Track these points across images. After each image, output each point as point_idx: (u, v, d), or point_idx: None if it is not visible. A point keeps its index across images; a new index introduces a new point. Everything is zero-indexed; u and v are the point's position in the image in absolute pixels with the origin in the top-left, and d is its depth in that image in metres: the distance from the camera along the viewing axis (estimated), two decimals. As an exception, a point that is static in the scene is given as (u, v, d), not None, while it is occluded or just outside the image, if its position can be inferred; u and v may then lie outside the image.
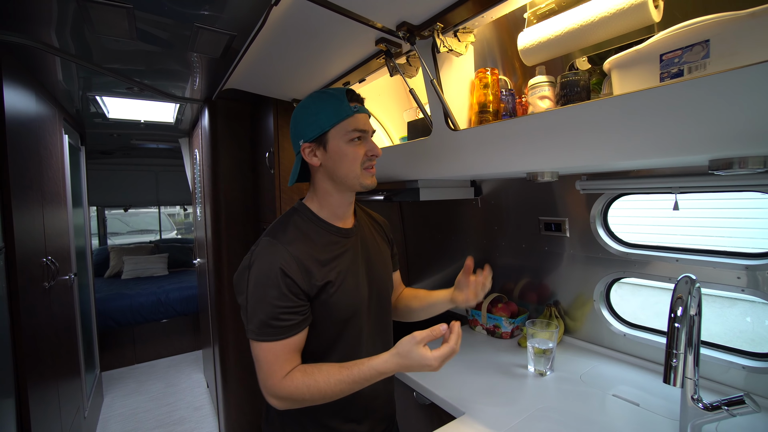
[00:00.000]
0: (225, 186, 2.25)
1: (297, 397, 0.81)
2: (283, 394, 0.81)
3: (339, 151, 0.89)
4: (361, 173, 0.91)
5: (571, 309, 1.54)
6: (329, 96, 0.90)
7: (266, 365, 0.83)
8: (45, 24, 1.35)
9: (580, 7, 0.93)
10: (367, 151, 0.92)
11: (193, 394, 3.18)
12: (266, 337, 0.82)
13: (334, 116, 0.88)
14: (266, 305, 0.82)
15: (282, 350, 0.83)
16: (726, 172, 0.77)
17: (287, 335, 0.83)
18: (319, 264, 0.88)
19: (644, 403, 1.08)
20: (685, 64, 0.70)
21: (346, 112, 0.88)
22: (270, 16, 1.00)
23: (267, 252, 0.86)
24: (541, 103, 1.06)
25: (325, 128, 0.89)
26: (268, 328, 0.82)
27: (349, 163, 0.90)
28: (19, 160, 1.52)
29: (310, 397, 0.81)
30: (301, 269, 0.85)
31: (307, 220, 0.94)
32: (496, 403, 1.12)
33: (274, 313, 0.82)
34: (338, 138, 0.89)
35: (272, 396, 0.83)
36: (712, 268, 1.13)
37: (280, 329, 0.82)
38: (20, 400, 1.45)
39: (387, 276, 1.07)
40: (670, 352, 0.75)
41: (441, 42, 1.05)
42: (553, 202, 1.55)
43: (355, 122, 0.89)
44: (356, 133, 0.89)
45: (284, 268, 0.83)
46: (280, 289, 0.82)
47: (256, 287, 0.84)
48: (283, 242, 0.87)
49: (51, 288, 1.83)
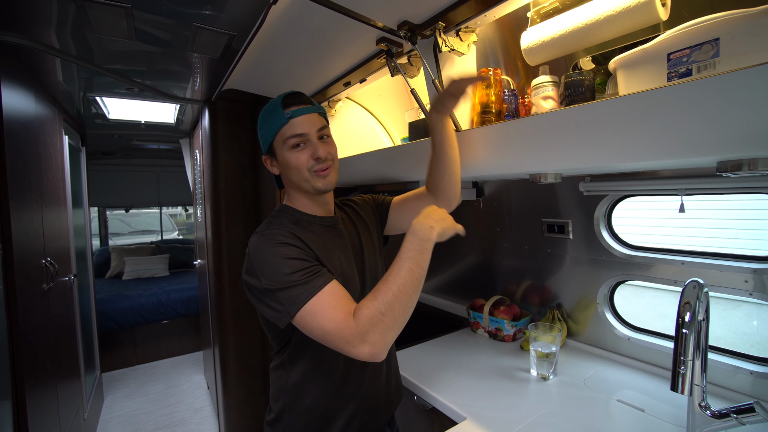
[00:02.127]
0: (225, 187, 2.23)
1: (378, 316, 0.72)
2: (364, 327, 0.72)
3: (284, 160, 0.91)
4: (311, 177, 0.90)
5: (574, 312, 1.52)
6: (269, 107, 0.91)
7: (329, 315, 0.74)
8: (45, 25, 1.34)
9: (585, 5, 0.91)
10: (311, 155, 0.89)
11: (193, 396, 3.17)
12: (314, 290, 0.76)
13: (272, 127, 0.90)
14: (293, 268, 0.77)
15: (337, 288, 0.78)
16: (735, 174, 0.75)
17: (326, 280, 0.78)
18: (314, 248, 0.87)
19: (650, 409, 1.06)
20: (694, 63, 0.68)
21: (280, 120, 0.88)
22: (269, 15, 0.99)
23: (263, 239, 0.83)
24: (544, 103, 1.04)
25: (268, 140, 0.92)
26: (310, 279, 0.77)
27: (295, 171, 0.90)
28: (17, 161, 1.51)
29: (390, 302, 0.73)
30: (301, 244, 0.84)
31: (290, 216, 0.95)
32: (499, 408, 1.10)
33: (304, 268, 0.78)
34: (280, 147, 0.91)
35: (356, 338, 0.72)
36: (719, 271, 1.11)
37: (321, 273, 0.78)
38: (17, 402, 1.43)
39: (377, 260, 1.07)
40: (677, 359, 0.73)
41: (443, 41, 1.03)
42: (556, 204, 1.53)
43: (291, 129, 0.88)
44: (293, 139, 0.88)
45: (287, 237, 0.83)
46: (296, 248, 0.81)
47: (273, 266, 0.79)
48: (277, 226, 0.87)
49: (50, 289, 1.82)
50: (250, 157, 2.30)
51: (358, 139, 1.96)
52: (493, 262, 1.86)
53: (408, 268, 0.76)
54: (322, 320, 0.74)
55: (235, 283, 2.25)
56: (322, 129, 0.92)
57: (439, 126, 1.04)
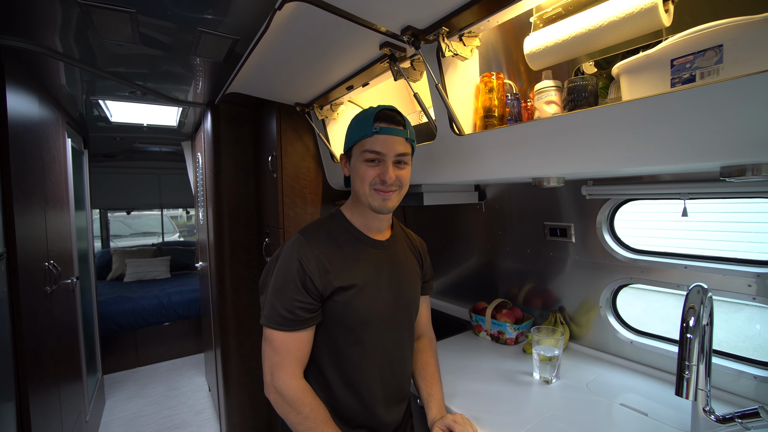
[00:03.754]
0: (227, 189, 2.24)
1: (293, 408, 0.86)
2: (288, 394, 0.86)
3: (354, 167, 0.95)
4: (370, 193, 0.92)
5: (577, 315, 1.53)
6: (363, 114, 0.94)
7: (272, 354, 0.88)
8: (49, 29, 1.35)
9: (589, 11, 0.92)
10: (380, 174, 0.91)
11: (194, 398, 3.17)
12: (274, 325, 0.87)
13: (357, 134, 0.93)
14: (283, 296, 0.88)
15: (294, 343, 0.88)
16: (738, 179, 0.75)
17: (294, 328, 0.88)
18: (340, 267, 0.92)
19: (653, 413, 1.06)
20: (697, 69, 0.69)
21: (365, 131, 0.90)
22: (273, 20, 0.99)
23: (293, 246, 0.92)
24: (547, 108, 1.05)
25: (349, 144, 0.96)
26: (279, 317, 0.87)
27: (359, 182, 0.93)
28: (21, 164, 1.52)
29: (294, 418, 0.86)
30: (319, 268, 0.89)
31: (339, 225, 0.99)
32: (502, 412, 1.10)
33: (287, 305, 0.87)
34: (356, 155, 0.94)
35: (274, 390, 0.87)
36: (722, 275, 1.11)
37: (289, 321, 0.87)
38: (21, 404, 1.44)
39: (414, 296, 1.08)
40: (682, 364, 0.74)
41: (446, 46, 1.03)
42: (559, 207, 1.53)
43: (372, 143, 0.90)
44: (369, 153, 0.90)
45: (303, 263, 0.88)
46: (297, 283, 0.87)
47: (278, 277, 0.90)
48: (310, 240, 0.93)
49: (53, 292, 1.83)
50: (253, 159, 2.31)
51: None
52: (495, 265, 1.86)
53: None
54: (271, 349, 0.89)
55: (237, 286, 2.25)
56: (402, 155, 0.92)
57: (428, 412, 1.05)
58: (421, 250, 1.16)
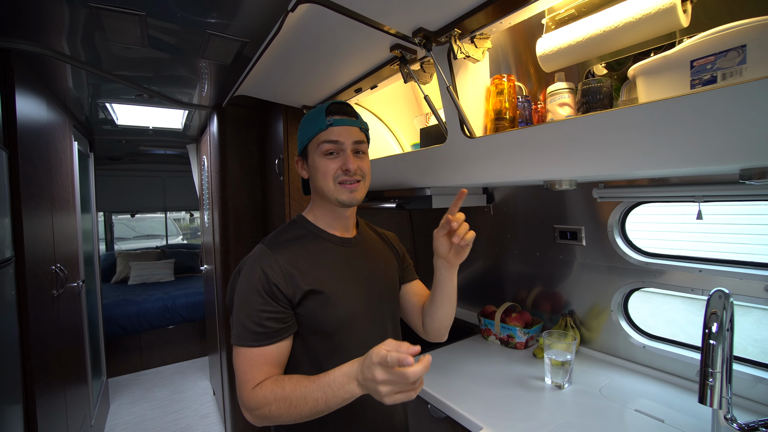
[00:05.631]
0: (233, 192, 2.24)
1: (265, 407, 0.76)
2: (252, 404, 0.77)
3: (314, 165, 0.91)
4: (336, 188, 0.89)
5: (587, 319, 1.51)
6: (314, 111, 0.92)
7: (240, 374, 0.80)
8: (57, 32, 1.35)
9: (603, 12, 0.91)
10: (341, 165, 0.88)
11: (199, 402, 3.15)
12: (244, 342, 0.80)
13: (310, 130, 0.90)
14: (248, 309, 0.81)
15: (258, 358, 0.80)
16: (759, 181, 0.74)
17: (265, 342, 0.80)
18: (307, 268, 0.86)
19: (669, 420, 1.04)
20: (719, 70, 0.68)
21: (320, 125, 0.88)
22: (285, 22, 0.99)
23: (255, 257, 0.87)
24: (561, 110, 1.03)
25: (304, 142, 0.92)
26: (248, 332, 0.80)
27: (322, 177, 0.89)
28: (29, 168, 1.52)
29: (277, 408, 0.75)
30: (284, 273, 0.84)
31: (302, 229, 0.95)
32: (515, 418, 1.09)
33: (254, 318, 0.81)
34: (313, 152, 0.90)
35: (244, 407, 0.80)
36: (738, 279, 1.09)
37: (259, 335, 0.80)
38: (28, 408, 1.43)
39: (392, 292, 1.02)
40: (705, 371, 0.72)
41: (458, 48, 1.03)
42: (568, 210, 1.52)
43: (327, 135, 0.88)
44: (327, 145, 0.88)
45: (266, 271, 0.83)
46: (261, 293, 0.81)
47: (241, 290, 0.84)
48: (272, 248, 0.88)
49: (59, 295, 1.82)
50: (259, 162, 2.31)
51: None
52: (504, 268, 1.84)
53: (315, 400, 0.73)
54: (236, 369, 0.82)
55: (243, 289, 2.24)
56: (359, 143, 0.91)
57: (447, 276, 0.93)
58: (394, 242, 1.13)
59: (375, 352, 0.66)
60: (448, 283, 0.94)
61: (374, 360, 0.65)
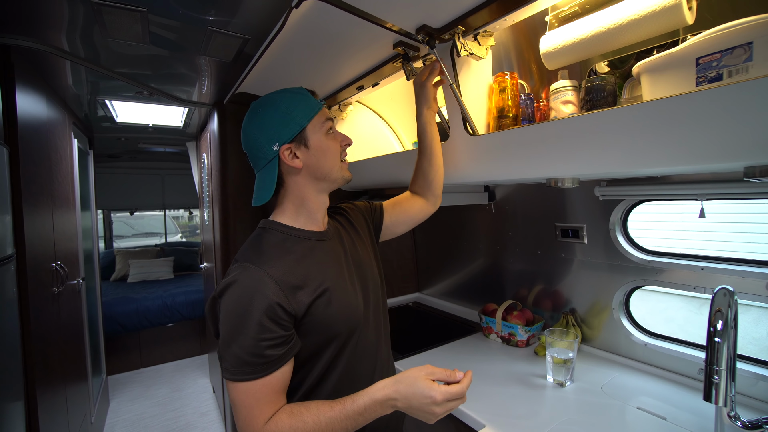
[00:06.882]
0: (234, 190, 2.23)
1: None
2: None
3: (321, 145, 0.86)
4: (342, 166, 0.91)
5: (588, 317, 1.51)
6: (298, 95, 0.86)
7: (244, 410, 0.71)
8: (56, 28, 1.34)
9: (607, 10, 0.90)
10: (341, 141, 0.90)
11: (199, 400, 3.15)
12: (243, 376, 0.70)
13: (309, 110, 0.85)
14: (243, 339, 0.70)
15: (263, 390, 0.71)
16: (763, 179, 0.74)
17: (268, 372, 0.71)
18: (303, 274, 0.80)
19: (671, 417, 1.04)
20: (725, 67, 0.68)
21: (315, 105, 0.86)
22: (288, 19, 0.98)
23: (241, 278, 0.74)
24: (564, 107, 1.03)
25: (303, 124, 0.84)
26: (245, 365, 0.70)
27: (332, 156, 0.88)
28: (30, 165, 1.51)
29: None
30: (284, 289, 0.75)
31: (279, 235, 0.85)
32: (518, 416, 1.09)
33: (252, 348, 0.70)
34: (317, 132, 0.86)
35: None
36: (740, 277, 1.10)
37: (260, 366, 0.71)
38: (29, 405, 1.43)
39: (377, 275, 1.00)
40: (710, 369, 0.72)
41: (461, 45, 1.02)
42: (570, 208, 1.52)
43: (325, 113, 0.89)
44: (330, 122, 0.89)
45: (264, 291, 0.72)
46: (259, 319, 0.71)
47: (230, 319, 0.72)
48: (258, 264, 0.76)
49: (60, 293, 1.82)
50: (259, 160, 2.30)
51: (368, 143, 1.95)
52: (505, 266, 1.84)
53: (348, 418, 0.71)
54: (236, 406, 0.72)
55: (244, 287, 2.24)
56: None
57: (430, 123, 1.12)
58: (350, 210, 1.07)
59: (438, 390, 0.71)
60: (433, 129, 1.11)
61: (438, 399, 0.70)
